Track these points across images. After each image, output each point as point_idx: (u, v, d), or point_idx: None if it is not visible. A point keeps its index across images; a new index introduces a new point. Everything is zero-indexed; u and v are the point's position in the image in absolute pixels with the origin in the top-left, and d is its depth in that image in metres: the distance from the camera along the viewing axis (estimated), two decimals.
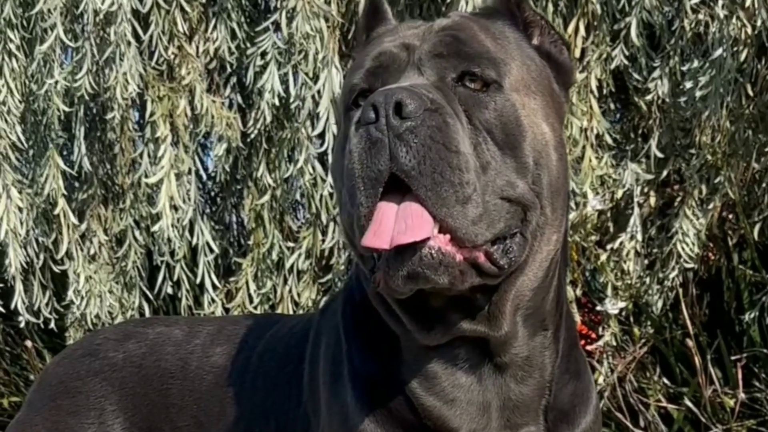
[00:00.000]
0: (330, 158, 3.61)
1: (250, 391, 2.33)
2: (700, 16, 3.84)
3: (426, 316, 1.88)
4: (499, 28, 1.91)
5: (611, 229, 4.29)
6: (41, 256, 4.52)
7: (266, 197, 4.16)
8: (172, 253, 4.29)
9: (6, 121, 4.22)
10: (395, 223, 1.69)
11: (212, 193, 4.79)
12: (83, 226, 4.48)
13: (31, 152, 4.48)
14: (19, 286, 4.43)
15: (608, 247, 4.22)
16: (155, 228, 4.20)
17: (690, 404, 4.26)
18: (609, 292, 4.24)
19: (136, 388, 2.58)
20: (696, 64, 3.88)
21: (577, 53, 3.99)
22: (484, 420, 1.94)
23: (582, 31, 3.97)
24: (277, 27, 3.99)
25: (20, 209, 4.36)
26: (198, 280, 4.27)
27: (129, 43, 4.02)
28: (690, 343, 4.15)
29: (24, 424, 2.69)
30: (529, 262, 1.83)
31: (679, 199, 4.17)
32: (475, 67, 1.79)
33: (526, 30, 1.92)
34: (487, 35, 1.87)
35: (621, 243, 4.16)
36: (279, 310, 4.17)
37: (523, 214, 1.79)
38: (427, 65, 1.82)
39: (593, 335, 4.35)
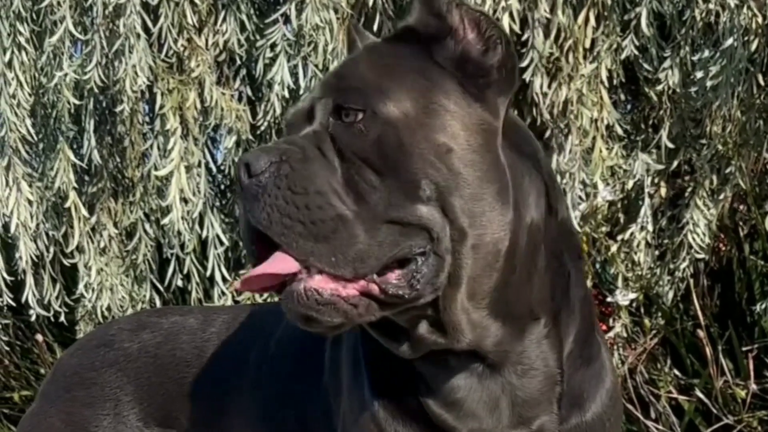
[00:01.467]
0: None
1: (268, 377, 2.33)
2: (711, 6, 3.82)
3: (393, 331, 1.89)
4: (393, 50, 1.91)
5: (622, 220, 4.28)
6: (51, 250, 4.53)
7: None
8: (182, 246, 4.30)
9: (16, 114, 4.22)
10: (258, 269, 1.74)
11: (222, 186, 4.78)
12: (93, 219, 4.48)
13: (41, 145, 4.48)
14: (29, 280, 4.43)
15: (619, 238, 4.21)
16: (165, 221, 4.20)
17: (701, 395, 4.24)
18: (620, 283, 4.23)
19: (152, 378, 2.59)
20: (707, 54, 3.86)
21: (587, 44, 3.98)
22: (494, 419, 1.94)
23: (592, 22, 3.95)
24: (287, 19, 3.98)
25: (30, 202, 4.36)
26: (208, 273, 4.27)
27: (138, 36, 4.02)
28: (701, 334, 4.13)
29: (38, 416, 2.69)
30: (462, 273, 1.80)
31: (689, 189, 4.16)
32: (345, 100, 1.79)
33: (441, 39, 1.87)
34: (370, 63, 1.87)
35: (631, 234, 4.15)
36: None
37: (426, 233, 1.76)
38: (316, 110, 1.85)
39: (604, 327, 4.34)
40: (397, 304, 1.78)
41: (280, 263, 1.72)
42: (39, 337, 4.87)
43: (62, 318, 4.59)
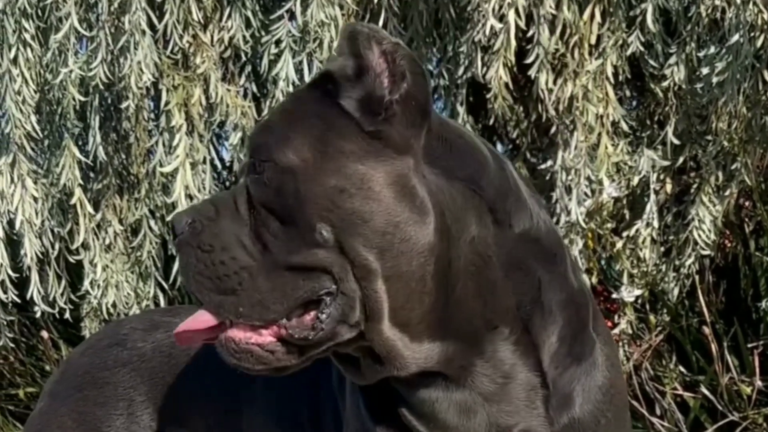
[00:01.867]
0: None
1: (281, 377, 2.33)
2: (717, 2, 3.82)
3: (348, 359, 1.95)
4: (305, 97, 1.96)
5: (627, 217, 4.28)
6: (57, 246, 4.53)
7: None
8: None
9: (21, 110, 4.21)
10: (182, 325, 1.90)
11: (227, 183, 4.79)
12: (99, 216, 4.48)
13: (46, 142, 4.48)
14: (34, 276, 4.43)
15: (624, 234, 4.21)
16: (170, 217, 4.18)
17: (706, 392, 4.25)
18: (625, 279, 4.23)
19: (167, 377, 2.58)
20: (712, 50, 3.85)
21: (593, 40, 3.98)
22: (470, 428, 1.95)
23: (598, 18, 3.95)
24: (292, 15, 3.98)
25: (36, 199, 4.36)
26: None
27: (144, 32, 4.02)
28: (706, 330, 4.14)
29: (48, 414, 2.68)
30: (382, 306, 1.83)
31: (695, 185, 4.16)
32: (255, 155, 1.89)
33: (355, 81, 1.88)
34: (281, 113, 1.96)
35: (637, 230, 4.15)
36: None
37: (328, 275, 1.81)
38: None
39: (609, 323, 4.34)
40: (314, 346, 1.85)
41: (202, 317, 1.86)
42: (44, 333, 4.87)
43: (67, 315, 4.59)
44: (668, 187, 4.20)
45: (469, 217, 1.88)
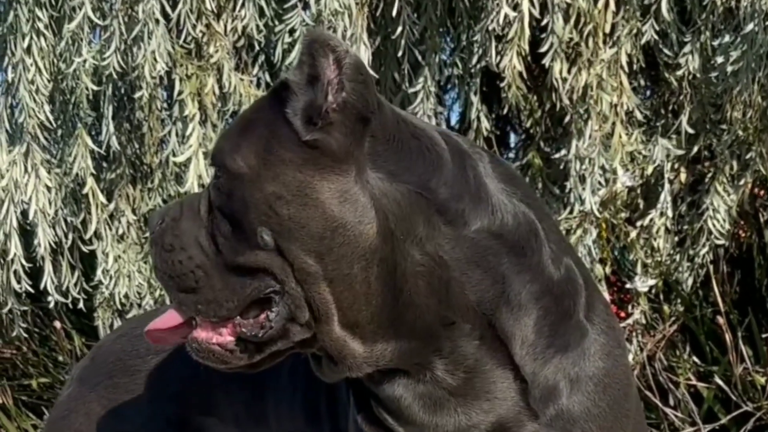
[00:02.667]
0: None
1: (305, 363, 2.33)
2: None
3: (317, 358, 2.00)
4: (258, 107, 2.03)
5: (641, 206, 4.27)
6: (70, 236, 4.52)
7: None
8: None
9: (35, 100, 4.21)
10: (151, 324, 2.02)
11: None
12: (112, 206, 4.47)
13: (59, 132, 4.47)
14: (48, 266, 4.43)
15: (638, 224, 4.20)
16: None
17: (720, 382, 4.24)
18: (639, 269, 4.23)
19: (196, 365, 2.58)
20: (727, 39, 3.85)
21: (607, 28, 3.97)
22: (439, 421, 1.97)
23: (612, 6, 3.94)
24: (306, 4, 3.97)
25: (49, 189, 4.36)
26: None
27: (157, 21, 4.01)
28: (720, 320, 4.13)
29: (77, 400, 2.67)
30: (329, 307, 1.88)
31: (710, 175, 4.15)
32: (213, 161, 1.97)
33: (305, 89, 1.89)
34: (239, 121, 2.04)
35: (651, 220, 4.14)
36: None
37: (271, 275, 1.89)
38: None
39: (623, 314, 4.33)
40: (267, 344, 1.94)
41: (171, 315, 1.98)
42: (57, 324, 4.88)
43: (80, 305, 4.58)
44: (682, 177, 4.19)
45: (415, 219, 1.90)
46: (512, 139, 5.03)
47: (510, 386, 1.96)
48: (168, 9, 4.06)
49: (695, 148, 4.14)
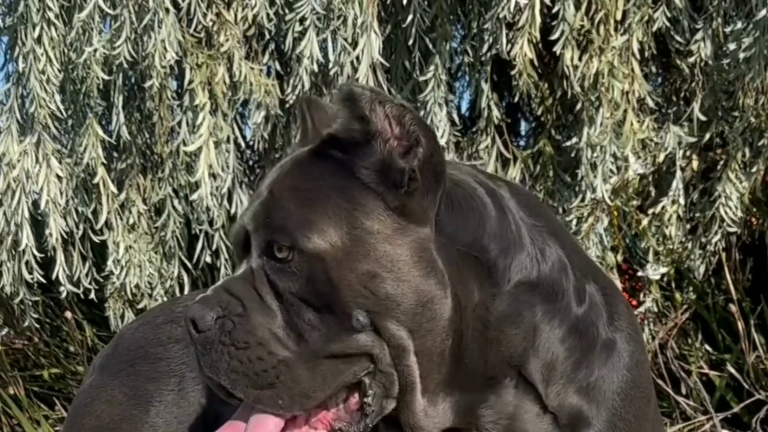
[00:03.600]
0: None
1: None
2: None
3: (374, 428, 1.95)
4: (316, 168, 1.89)
5: (653, 194, 4.26)
6: (81, 226, 4.52)
7: None
8: (210, 222, 4.30)
9: (45, 90, 4.21)
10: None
11: (250, 162, 4.78)
12: (122, 196, 4.48)
13: (70, 122, 4.47)
14: (59, 257, 4.43)
15: (650, 211, 4.18)
16: (194, 197, 4.20)
17: (733, 371, 4.23)
18: (650, 257, 4.21)
19: None
20: (739, 25, 3.83)
21: (619, 15, 3.95)
22: None
23: None
24: None
25: (60, 179, 4.37)
26: None
27: (167, 10, 4.01)
28: (733, 308, 4.12)
29: (99, 388, 2.66)
30: (414, 379, 1.85)
31: (722, 162, 4.14)
32: (274, 237, 1.83)
33: (365, 146, 1.84)
34: (293, 193, 1.87)
35: (663, 207, 4.13)
36: None
37: (367, 356, 1.83)
38: (252, 242, 1.90)
39: (634, 302, 4.32)
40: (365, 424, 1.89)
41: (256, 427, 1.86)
42: (68, 314, 4.87)
43: (92, 295, 4.58)
44: (694, 164, 4.18)
45: (472, 284, 1.89)
46: (523, 127, 5.02)
47: (543, 419, 1.99)
48: None
49: (707, 136, 4.12)
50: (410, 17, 4.01)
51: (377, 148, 1.83)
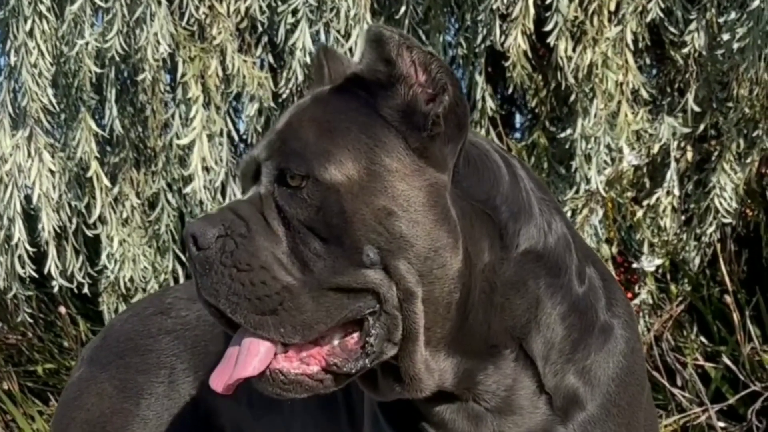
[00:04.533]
0: None
1: None
2: None
3: (371, 377, 1.93)
4: (338, 104, 1.87)
5: (647, 185, 4.25)
6: (74, 221, 4.52)
7: None
8: None
9: (38, 83, 4.20)
10: (231, 362, 1.83)
11: (243, 155, 4.77)
12: (116, 190, 4.47)
13: (62, 115, 4.47)
14: (52, 251, 4.42)
15: (644, 203, 4.18)
16: (187, 190, 4.19)
17: (728, 362, 4.22)
18: (645, 249, 4.21)
19: (210, 346, 2.55)
20: (733, 15, 3.82)
21: (612, 6, 3.95)
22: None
23: None
24: None
25: (53, 173, 4.35)
26: None
27: (159, 3, 4.00)
28: (728, 300, 4.11)
29: (88, 381, 2.65)
30: (417, 327, 1.82)
31: (716, 153, 4.13)
32: (288, 165, 1.79)
33: (390, 86, 1.82)
34: (313, 120, 1.84)
35: (657, 199, 4.12)
36: None
37: (373, 294, 1.79)
38: (263, 171, 1.85)
39: (629, 294, 4.32)
40: (360, 371, 1.84)
41: (245, 356, 1.80)
42: (62, 309, 4.87)
43: (85, 290, 4.58)
44: (689, 155, 4.17)
45: (483, 243, 1.87)
46: (518, 119, 5.01)
47: (540, 398, 1.98)
48: None
49: (701, 127, 4.12)
50: (403, 9, 4.01)
51: (401, 92, 1.81)
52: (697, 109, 4.06)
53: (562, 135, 4.12)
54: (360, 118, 1.82)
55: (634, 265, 4.26)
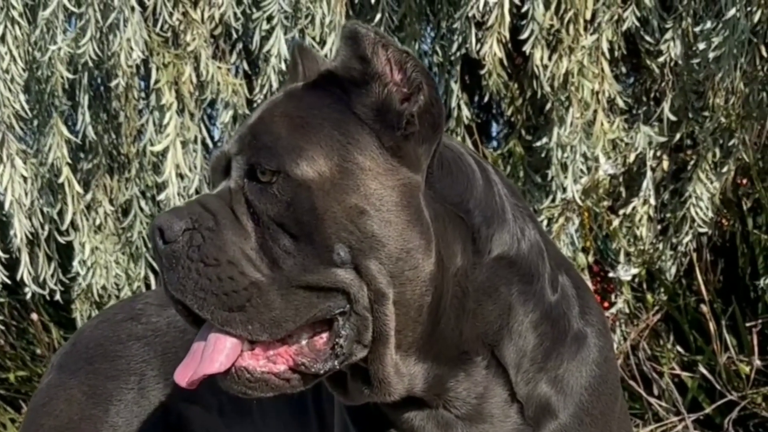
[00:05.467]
0: None
1: None
2: None
3: (340, 380, 1.90)
4: (311, 100, 1.84)
5: (624, 194, 4.26)
6: (46, 227, 4.49)
7: None
8: None
9: (9, 89, 4.16)
10: (196, 357, 1.79)
11: None
12: (88, 196, 4.44)
13: (35, 121, 4.43)
14: (24, 257, 4.38)
15: (621, 212, 4.18)
16: (161, 197, 4.16)
17: (704, 372, 4.22)
18: (621, 258, 4.21)
19: (180, 353, 2.51)
20: (709, 25, 3.83)
21: (588, 15, 3.94)
22: None
23: None
24: None
25: (25, 179, 4.32)
26: None
27: (133, 9, 3.97)
28: (704, 309, 4.11)
29: (57, 387, 2.62)
30: (388, 329, 1.79)
31: (692, 162, 4.14)
32: (259, 160, 1.76)
33: (364, 84, 1.80)
34: (284, 119, 1.81)
35: (633, 208, 4.12)
36: None
37: (343, 294, 1.76)
38: (233, 165, 1.82)
39: (606, 304, 4.31)
40: (328, 372, 1.81)
41: (210, 352, 1.76)
42: (34, 316, 4.83)
43: (57, 296, 4.54)
44: (665, 164, 4.17)
45: (456, 246, 1.84)
46: (494, 127, 5.00)
47: (511, 408, 1.95)
48: None
49: (677, 136, 4.12)
50: (378, 16, 3.99)
51: (376, 90, 1.79)
52: (673, 118, 4.06)
53: (538, 144, 4.11)
54: (333, 115, 1.80)
55: (611, 275, 4.25)
